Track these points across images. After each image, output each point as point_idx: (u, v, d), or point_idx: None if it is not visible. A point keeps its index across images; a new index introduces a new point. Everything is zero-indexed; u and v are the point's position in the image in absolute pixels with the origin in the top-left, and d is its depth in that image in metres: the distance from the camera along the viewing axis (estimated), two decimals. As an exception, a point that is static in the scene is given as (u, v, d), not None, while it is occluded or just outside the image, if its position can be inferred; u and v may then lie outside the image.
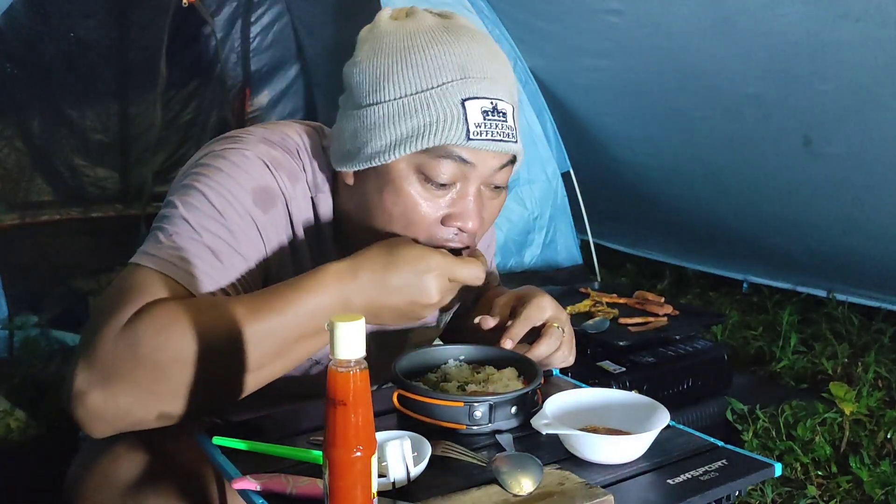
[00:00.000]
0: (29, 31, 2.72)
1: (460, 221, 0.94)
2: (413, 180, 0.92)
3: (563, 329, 1.06)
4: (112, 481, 0.91)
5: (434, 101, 0.90)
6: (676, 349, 1.96)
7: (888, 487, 1.67)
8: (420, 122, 0.90)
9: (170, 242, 0.89)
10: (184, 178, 0.97)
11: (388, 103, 0.92)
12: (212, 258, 0.90)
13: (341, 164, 0.97)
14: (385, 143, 0.92)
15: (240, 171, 0.95)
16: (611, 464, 0.82)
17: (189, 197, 0.93)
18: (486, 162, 0.93)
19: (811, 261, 2.88)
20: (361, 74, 0.95)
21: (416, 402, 0.91)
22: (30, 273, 2.63)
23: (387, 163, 0.92)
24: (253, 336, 0.84)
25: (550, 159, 3.11)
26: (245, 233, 0.93)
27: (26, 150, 2.85)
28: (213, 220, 0.91)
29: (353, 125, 0.95)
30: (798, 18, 2.01)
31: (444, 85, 0.90)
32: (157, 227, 0.93)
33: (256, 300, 0.86)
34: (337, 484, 0.66)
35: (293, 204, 0.99)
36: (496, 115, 0.91)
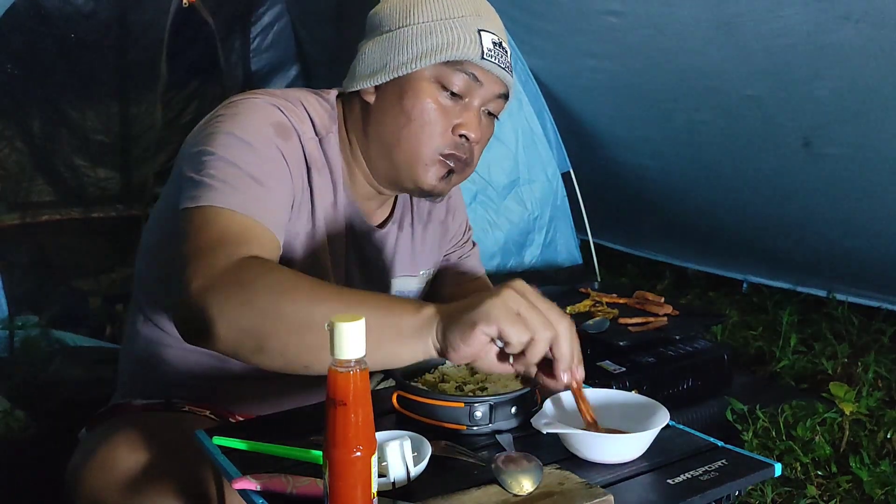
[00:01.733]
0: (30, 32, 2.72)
1: (465, 129, 1.08)
2: (432, 88, 1.06)
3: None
4: (110, 479, 0.91)
5: (455, 26, 1.06)
6: (676, 349, 1.96)
7: (888, 487, 1.68)
8: (443, 39, 1.05)
9: (214, 181, 0.96)
10: (203, 130, 1.04)
11: (415, 25, 1.07)
12: (256, 185, 0.97)
13: (365, 82, 1.09)
14: (412, 55, 1.06)
15: (256, 110, 1.04)
16: (611, 464, 0.82)
17: (216, 139, 1.00)
18: (491, 85, 1.08)
19: (811, 261, 2.88)
20: (391, 8, 1.10)
21: (416, 402, 0.92)
22: (30, 273, 2.63)
23: (411, 72, 1.06)
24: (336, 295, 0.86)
25: (550, 159, 3.11)
26: (274, 159, 1.02)
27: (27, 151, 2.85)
28: (246, 150, 0.99)
29: (381, 46, 1.09)
30: (798, 20, 2.01)
31: (464, 17, 1.07)
32: (194, 170, 0.98)
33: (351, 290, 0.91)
34: (337, 484, 0.66)
35: (304, 139, 1.08)
36: (501, 49, 1.09)
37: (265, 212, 0.97)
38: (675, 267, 3.53)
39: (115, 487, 0.90)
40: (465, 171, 1.13)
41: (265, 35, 3.63)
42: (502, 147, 3.01)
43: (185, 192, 0.98)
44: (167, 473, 0.90)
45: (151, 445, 0.93)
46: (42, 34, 2.75)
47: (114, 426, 0.98)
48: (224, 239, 0.91)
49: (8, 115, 2.79)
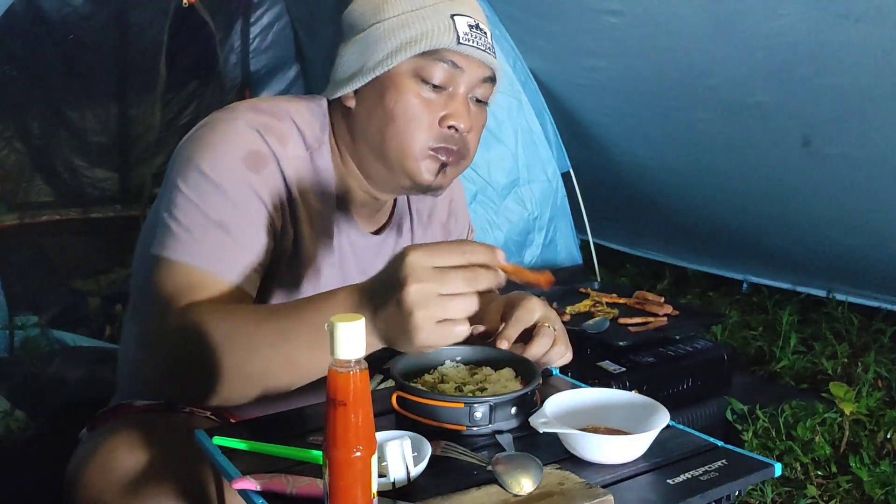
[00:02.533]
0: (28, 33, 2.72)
1: (453, 120, 1.05)
2: (412, 83, 1.04)
3: (553, 328, 1.06)
4: (110, 479, 0.91)
5: (427, 16, 1.04)
6: (676, 349, 1.95)
7: (888, 487, 1.68)
8: (417, 31, 1.03)
9: (180, 229, 0.98)
10: (179, 155, 1.03)
11: (386, 21, 1.04)
12: (221, 233, 0.98)
13: (344, 87, 1.07)
14: (386, 52, 1.03)
15: (229, 139, 1.02)
16: (611, 464, 0.82)
17: (187, 175, 1.00)
18: (473, 70, 1.06)
19: (811, 261, 2.88)
20: (361, 6, 1.08)
21: (416, 403, 0.91)
22: (29, 273, 2.63)
23: (388, 70, 1.03)
24: (267, 337, 0.89)
25: (550, 159, 3.11)
26: (246, 198, 1.00)
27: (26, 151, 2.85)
28: (214, 192, 0.99)
29: (356, 47, 1.07)
30: (798, 19, 2.01)
31: (435, 4, 1.05)
32: (167, 212, 1.00)
33: (275, 307, 0.96)
34: (337, 484, 0.66)
35: (285, 163, 1.05)
36: (479, 31, 1.07)
37: (227, 262, 0.98)
38: (675, 267, 3.53)
39: (114, 489, 0.90)
40: (460, 162, 1.09)
41: (265, 35, 3.63)
42: (502, 147, 3.01)
43: (156, 233, 1.00)
44: (167, 474, 0.90)
45: (151, 446, 0.93)
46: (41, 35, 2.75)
47: (114, 427, 0.98)
48: (174, 296, 0.94)
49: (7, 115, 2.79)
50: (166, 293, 0.95)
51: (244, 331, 0.89)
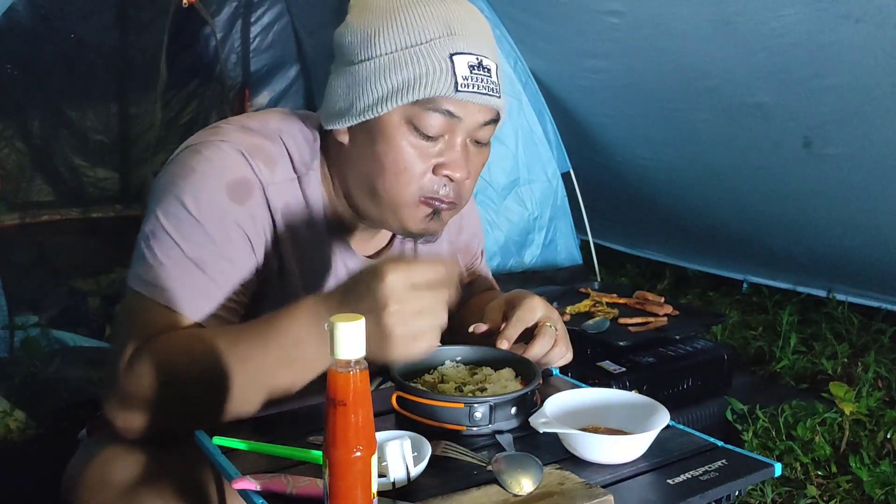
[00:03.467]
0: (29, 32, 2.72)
1: (448, 170, 0.97)
2: (404, 131, 0.96)
3: (555, 327, 1.06)
4: (109, 479, 0.91)
5: (423, 55, 0.94)
6: (676, 349, 1.95)
7: (888, 487, 1.68)
8: (410, 74, 0.94)
9: (156, 262, 0.94)
10: (162, 179, 0.99)
11: (378, 58, 0.95)
12: (196, 271, 0.94)
13: (334, 122, 1.00)
14: (377, 96, 0.95)
15: (213, 166, 0.97)
16: (611, 464, 0.82)
17: (167, 205, 0.96)
18: (473, 115, 0.97)
19: (811, 261, 2.88)
20: (352, 34, 0.98)
21: (416, 403, 0.91)
22: (30, 273, 2.63)
23: (379, 115, 0.96)
24: (233, 364, 0.88)
25: (550, 160, 3.11)
26: (226, 233, 0.96)
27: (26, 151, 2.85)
28: (193, 227, 0.94)
29: (346, 82, 0.98)
30: (798, 19, 2.01)
31: (432, 41, 0.94)
32: (144, 242, 0.96)
33: (238, 332, 0.91)
34: (337, 484, 0.66)
35: (271, 189, 1.00)
36: (481, 71, 0.95)
37: (198, 302, 0.94)
38: (675, 267, 3.53)
39: (114, 492, 0.90)
40: (454, 208, 1.03)
41: (265, 35, 3.62)
42: (502, 147, 3.01)
43: (133, 263, 0.97)
44: (167, 477, 0.90)
45: (150, 448, 0.93)
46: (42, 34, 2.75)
47: (112, 433, 0.98)
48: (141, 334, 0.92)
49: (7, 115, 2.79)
50: (132, 327, 0.93)
51: (209, 363, 0.88)
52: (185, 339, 0.92)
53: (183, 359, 0.89)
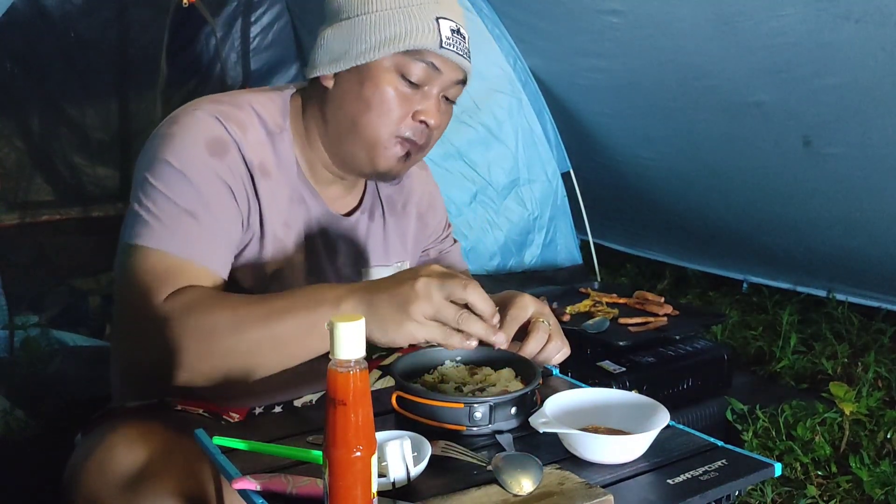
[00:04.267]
0: (29, 30, 2.71)
1: (424, 115, 1.11)
2: (391, 77, 1.09)
3: (548, 322, 1.07)
4: (109, 473, 0.91)
5: (413, 15, 1.08)
6: (676, 349, 1.95)
7: (888, 487, 1.68)
8: (402, 28, 1.07)
9: (152, 217, 1.01)
10: (145, 152, 1.07)
11: (374, 13, 1.08)
12: (191, 221, 1.02)
13: (326, 68, 1.11)
14: (371, 43, 1.07)
15: (190, 128, 1.06)
16: (611, 464, 0.82)
17: (154, 168, 1.04)
18: (450, 72, 1.11)
19: (811, 261, 2.88)
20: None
21: (416, 403, 0.91)
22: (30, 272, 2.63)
23: (370, 61, 1.08)
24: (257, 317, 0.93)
25: (550, 159, 3.11)
26: (210, 185, 1.04)
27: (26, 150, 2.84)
28: (180, 181, 1.02)
29: (341, 33, 1.10)
30: (798, 19, 2.01)
31: (422, 4, 1.08)
32: (137, 203, 1.03)
33: (264, 297, 0.98)
34: (337, 484, 0.66)
35: (245, 147, 1.08)
36: (459, 36, 1.11)
37: (198, 248, 1.01)
38: (675, 267, 3.53)
39: (113, 488, 0.90)
40: (419, 154, 1.16)
41: (265, 35, 3.62)
42: (502, 147, 3.01)
43: (126, 223, 1.04)
44: (165, 473, 0.90)
45: (148, 445, 0.93)
46: (41, 32, 2.75)
47: (110, 427, 0.98)
48: (152, 283, 0.98)
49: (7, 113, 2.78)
50: (145, 280, 0.98)
51: (234, 311, 0.93)
52: (219, 295, 0.99)
53: (219, 311, 0.94)
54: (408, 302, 0.88)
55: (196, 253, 1.01)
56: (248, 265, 1.10)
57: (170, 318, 0.94)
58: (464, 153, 2.97)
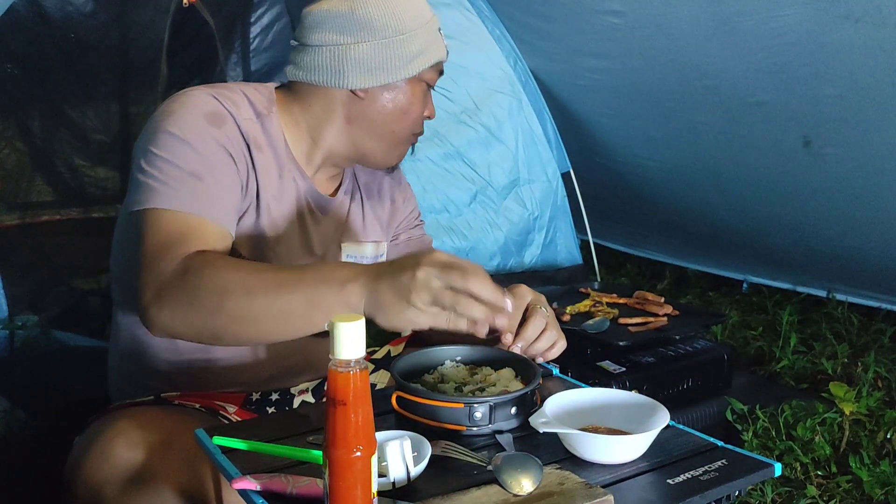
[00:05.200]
0: (29, 32, 2.71)
1: (429, 112, 1.28)
2: (420, 87, 1.24)
3: (545, 309, 1.09)
4: (109, 467, 0.92)
5: (430, 30, 1.22)
6: (676, 349, 1.96)
7: (888, 487, 1.68)
8: (426, 44, 1.21)
9: (158, 183, 1.04)
10: (145, 131, 1.11)
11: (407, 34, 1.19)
12: (197, 183, 1.06)
13: (362, 82, 1.19)
14: (408, 62, 1.20)
15: (188, 104, 1.11)
16: (611, 464, 0.82)
17: (157, 139, 1.08)
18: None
19: (811, 261, 2.88)
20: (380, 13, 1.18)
21: (416, 403, 0.92)
22: (30, 273, 2.63)
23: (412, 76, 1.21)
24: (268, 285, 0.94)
25: (550, 160, 3.11)
26: (212, 151, 1.09)
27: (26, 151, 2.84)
28: (183, 147, 1.07)
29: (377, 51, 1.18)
30: (798, 20, 2.01)
31: (430, 20, 1.23)
32: (140, 173, 1.06)
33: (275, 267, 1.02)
34: (337, 484, 0.66)
35: (240, 121, 1.15)
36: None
37: (206, 206, 1.05)
38: (675, 267, 3.53)
39: (113, 482, 0.91)
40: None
41: (265, 35, 3.62)
42: (502, 147, 3.01)
43: (131, 194, 1.08)
44: (164, 466, 0.91)
45: (147, 438, 0.94)
46: (42, 34, 2.75)
47: (109, 421, 1.00)
48: (168, 241, 1.01)
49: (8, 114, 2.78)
50: (162, 239, 1.01)
51: (246, 276, 0.96)
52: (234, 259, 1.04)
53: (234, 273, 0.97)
54: (408, 290, 0.88)
55: (206, 211, 1.05)
56: (244, 234, 1.15)
57: (187, 272, 0.96)
58: (464, 153, 2.97)
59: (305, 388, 1.26)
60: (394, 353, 1.35)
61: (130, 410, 1.08)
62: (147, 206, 1.03)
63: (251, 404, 1.20)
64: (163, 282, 0.96)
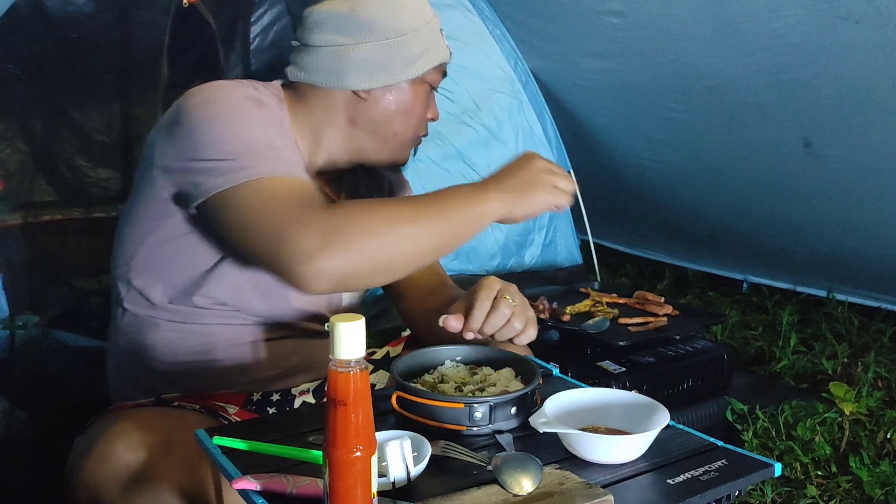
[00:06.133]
0: (31, 32, 2.72)
1: (432, 114, 1.28)
2: (424, 88, 1.24)
3: (512, 299, 1.07)
4: (109, 467, 0.93)
5: (432, 31, 1.23)
6: (676, 349, 1.96)
7: (888, 487, 1.68)
8: (428, 45, 1.22)
9: (240, 158, 1.03)
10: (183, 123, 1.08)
11: (409, 35, 1.19)
12: (271, 149, 1.07)
13: (366, 83, 1.19)
14: (412, 63, 1.20)
15: (229, 92, 1.12)
16: (611, 464, 0.82)
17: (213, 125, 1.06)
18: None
19: (811, 261, 2.88)
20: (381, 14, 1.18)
21: (416, 403, 0.92)
22: (31, 273, 2.63)
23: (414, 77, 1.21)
24: (425, 209, 1.03)
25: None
26: (268, 124, 1.12)
27: (28, 151, 2.85)
28: (247, 127, 1.08)
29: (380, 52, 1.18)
30: (798, 20, 2.01)
31: (431, 21, 1.23)
32: (214, 155, 1.04)
33: (416, 198, 1.09)
34: (337, 484, 0.66)
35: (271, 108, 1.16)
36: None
37: (290, 169, 1.06)
38: (675, 267, 3.53)
39: (113, 482, 0.91)
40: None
41: (265, 35, 3.63)
42: (502, 147, 3.01)
43: (210, 177, 1.03)
44: (164, 467, 0.91)
45: (147, 439, 0.94)
46: (43, 34, 2.75)
47: (109, 422, 1.00)
48: (290, 202, 1.00)
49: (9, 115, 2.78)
50: (278, 204, 1.00)
51: (401, 208, 1.03)
52: (376, 199, 1.19)
53: (388, 207, 1.04)
54: (537, 176, 1.09)
55: (297, 172, 1.08)
56: None
57: (348, 216, 0.98)
58: (464, 153, 2.97)
59: (306, 388, 1.26)
60: (393, 353, 1.35)
61: (131, 411, 1.08)
62: (244, 179, 1.02)
63: (252, 405, 1.20)
64: (324, 232, 0.96)
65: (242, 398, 1.20)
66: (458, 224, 1.03)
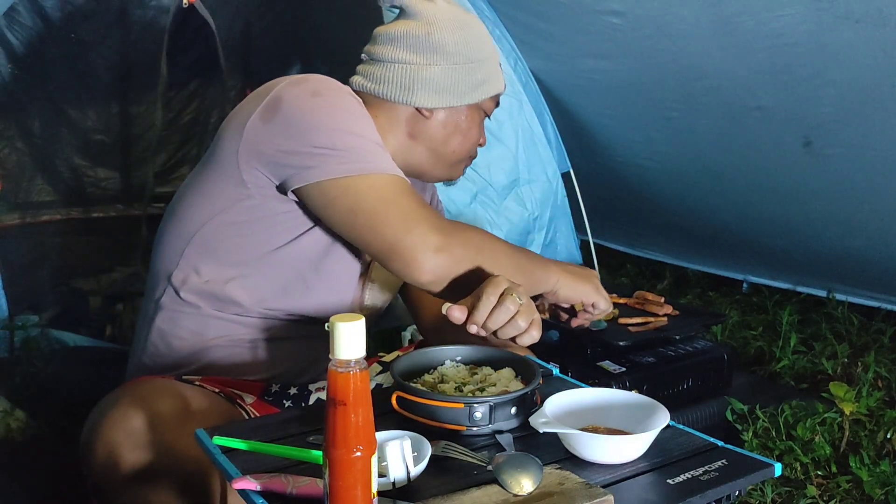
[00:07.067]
0: (30, 32, 2.72)
1: (482, 140, 1.38)
2: (481, 115, 1.34)
3: (519, 297, 1.06)
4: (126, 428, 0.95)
5: (493, 62, 1.33)
6: (676, 349, 1.95)
7: (888, 487, 1.68)
8: (490, 75, 1.31)
9: (359, 149, 1.11)
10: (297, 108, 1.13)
11: (478, 62, 1.28)
12: (381, 150, 1.16)
13: (434, 101, 1.27)
14: (475, 88, 1.29)
15: (330, 83, 1.18)
16: (611, 464, 0.82)
17: (327, 114, 1.13)
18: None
19: (811, 261, 2.88)
20: (455, 41, 1.26)
21: (416, 403, 0.92)
22: (30, 273, 2.63)
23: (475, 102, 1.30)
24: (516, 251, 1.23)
25: (550, 160, 3.11)
26: (370, 122, 1.18)
27: (27, 151, 2.85)
28: (359, 122, 1.15)
29: (451, 74, 1.27)
30: (798, 20, 2.01)
31: (494, 51, 1.33)
32: (328, 144, 1.10)
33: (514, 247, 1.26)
34: (337, 484, 0.66)
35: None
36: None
37: (396, 170, 1.14)
38: (675, 267, 3.53)
39: (129, 442, 0.94)
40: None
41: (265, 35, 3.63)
42: (502, 147, 3.01)
43: (328, 163, 1.09)
44: (179, 434, 0.93)
45: (165, 406, 0.99)
46: (42, 34, 2.75)
47: (129, 389, 1.04)
48: (418, 201, 1.13)
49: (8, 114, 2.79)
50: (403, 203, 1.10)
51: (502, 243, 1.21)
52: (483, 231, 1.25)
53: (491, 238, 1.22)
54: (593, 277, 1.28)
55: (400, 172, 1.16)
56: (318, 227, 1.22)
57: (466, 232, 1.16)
58: (464, 154, 2.97)
59: (322, 385, 1.27)
60: None
61: (151, 380, 1.11)
62: (365, 172, 1.10)
63: (269, 395, 1.22)
64: (448, 233, 1.11)
65: (260, 388, 1.22)
66: (531, 272, 1.19)
